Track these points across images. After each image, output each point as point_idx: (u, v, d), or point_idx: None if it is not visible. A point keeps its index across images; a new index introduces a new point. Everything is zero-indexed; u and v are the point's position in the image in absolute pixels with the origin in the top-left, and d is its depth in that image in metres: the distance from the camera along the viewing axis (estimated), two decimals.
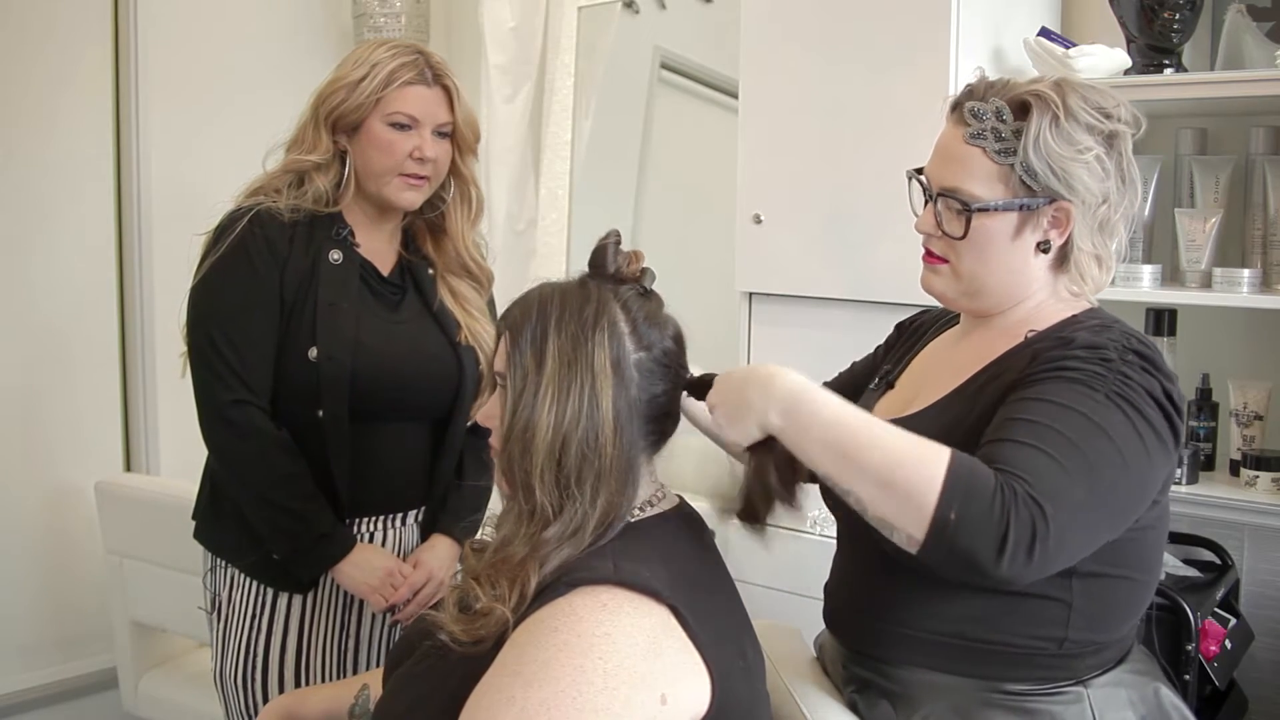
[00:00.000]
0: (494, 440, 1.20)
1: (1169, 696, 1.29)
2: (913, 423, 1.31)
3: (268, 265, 1.69)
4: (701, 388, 1.23)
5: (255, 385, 1.68)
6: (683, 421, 1.28)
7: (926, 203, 1.33)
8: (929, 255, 1.34)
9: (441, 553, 1.79)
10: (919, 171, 1.34)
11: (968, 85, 1.31)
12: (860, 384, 1.52)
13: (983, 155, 1.25)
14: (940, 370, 1.37)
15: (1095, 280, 1.31)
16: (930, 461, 1.07)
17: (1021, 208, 1.25)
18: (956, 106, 1.30)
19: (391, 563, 1.73)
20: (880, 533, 1.11)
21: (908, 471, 1.07)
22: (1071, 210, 1.25)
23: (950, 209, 1.28)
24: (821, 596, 1.42)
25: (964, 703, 1.24)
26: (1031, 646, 1.23)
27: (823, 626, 1.44)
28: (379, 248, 1.80)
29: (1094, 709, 1.23)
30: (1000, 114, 1.25)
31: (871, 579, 1.18)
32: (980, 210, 1.26)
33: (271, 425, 1.69)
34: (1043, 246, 1.28)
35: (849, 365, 1.60)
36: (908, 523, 1.07)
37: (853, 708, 1.34)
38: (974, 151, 1.26)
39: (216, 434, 1.71)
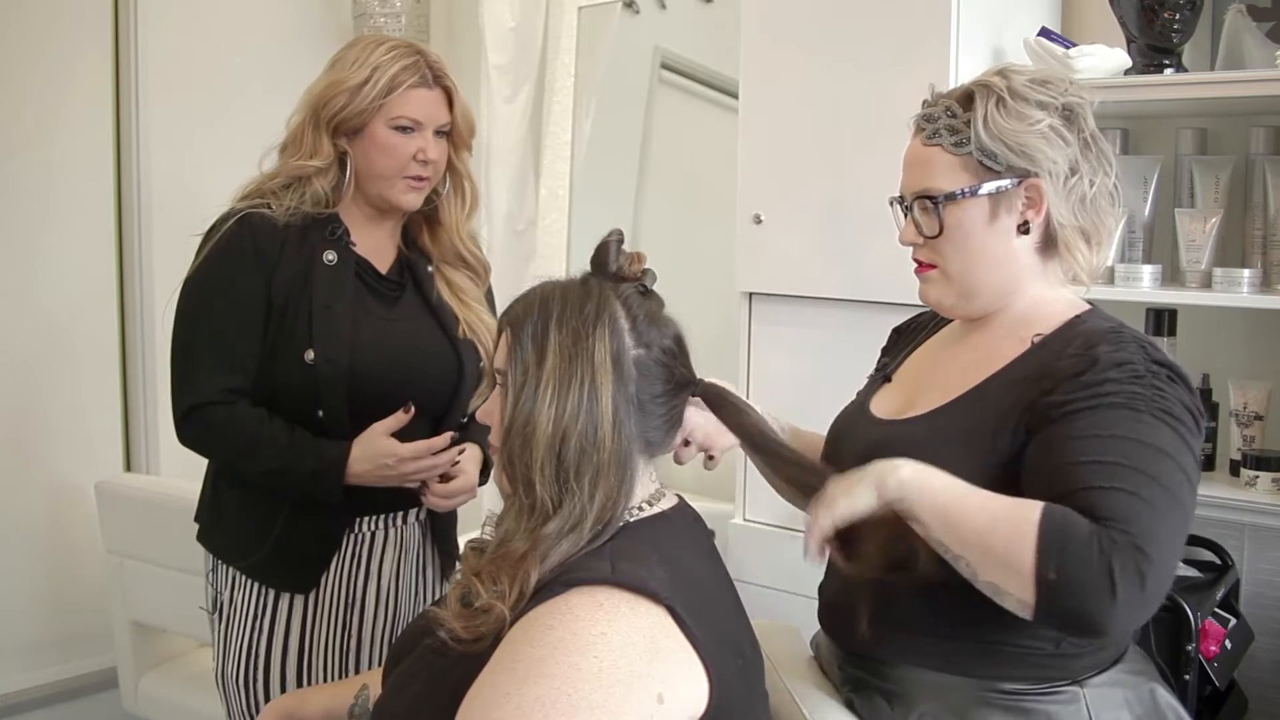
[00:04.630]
0: (493, 438, 1.20)
1: (1165, 696, 1.29)
2: (920, 424, 1.32)
3: (251, 268, 1.69)
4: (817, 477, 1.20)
5: (222, 385, 1.68)
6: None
7: (906, 216, 1.35)
8: (918, 266, 1.36)
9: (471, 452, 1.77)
10: (900, 197, 1.36)
11: (922, 102, 1.34)
12: None
13: (942, 151, 1.29)
14: (942, 370, 1.36)
15: (1086, 260, 1.31)
16: (1022, 520, 1.07)
17: (988, 190, 1.27)
18: (915, 120, 1.33)
19: (394, 445, 1.68)
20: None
21: (1003, 533, 1.08)
22: (1041, 185, 1.26)
23: (925, 211, 1.30)
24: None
25: (960, 702, 1.25)
26: (1028, 647, 1.23)
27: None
28: (378, 245, 1.80)
29: (1090, 709, 1.23)
30: (950, 111, 1.29)
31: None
32: (949, 200, 1.28)
33: (224, 410, 1.68)
34: (1023, 229, 1.28)
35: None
36: (1014, 586, 1.08)
37: (850, 707, 1.34)
38: (933, 150, 1.30)
39: (182, 437, 1.75)
